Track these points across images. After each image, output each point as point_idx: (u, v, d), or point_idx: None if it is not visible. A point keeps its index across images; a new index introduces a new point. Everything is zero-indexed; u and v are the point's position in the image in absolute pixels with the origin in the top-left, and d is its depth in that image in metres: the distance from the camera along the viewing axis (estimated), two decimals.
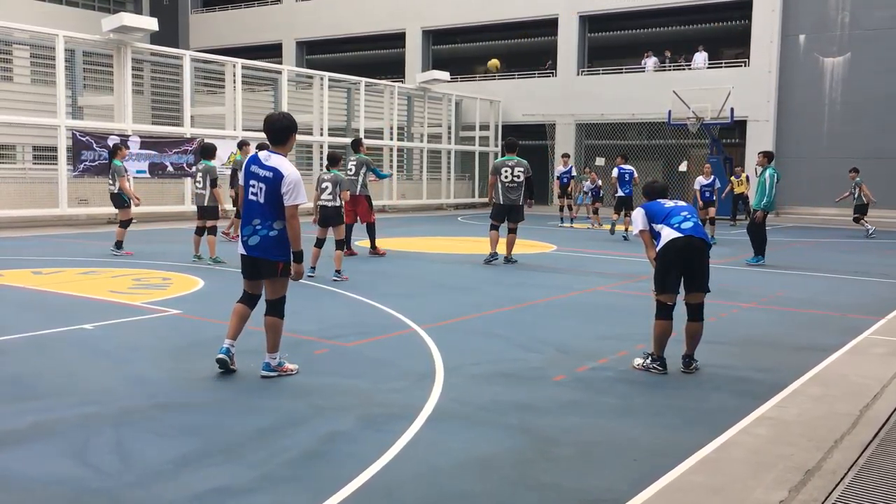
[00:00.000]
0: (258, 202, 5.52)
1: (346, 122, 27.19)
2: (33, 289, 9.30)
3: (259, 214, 5.52)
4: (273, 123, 5.62)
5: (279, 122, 5.63)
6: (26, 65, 22.66)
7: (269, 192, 5.47)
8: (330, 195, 10.25)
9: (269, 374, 5.59)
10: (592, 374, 5.93)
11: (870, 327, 7.84)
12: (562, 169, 21.27)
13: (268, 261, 5.53)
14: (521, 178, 12.06)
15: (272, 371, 5.60)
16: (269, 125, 5.62)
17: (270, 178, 5.47)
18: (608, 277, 11.17)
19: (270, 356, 5.62)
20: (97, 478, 3.82)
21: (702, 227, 6.06)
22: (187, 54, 21.04)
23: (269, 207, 5.49)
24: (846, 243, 17.49)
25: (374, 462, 4.03)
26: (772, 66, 26.40)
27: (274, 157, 5.56)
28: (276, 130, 5.60)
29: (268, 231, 5.51)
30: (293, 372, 5.67)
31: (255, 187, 5.54)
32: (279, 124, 5.61)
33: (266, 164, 5.52)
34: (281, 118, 5.66)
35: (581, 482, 3.90)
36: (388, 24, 33.44)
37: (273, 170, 5.48)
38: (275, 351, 5.63)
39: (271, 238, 5.50)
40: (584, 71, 30.15)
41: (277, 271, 5.54)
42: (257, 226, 5.52)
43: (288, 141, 5.65)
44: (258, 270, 5.62)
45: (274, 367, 5.61)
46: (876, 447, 4.40)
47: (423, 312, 8.10)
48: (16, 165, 22.62)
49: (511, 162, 12.10)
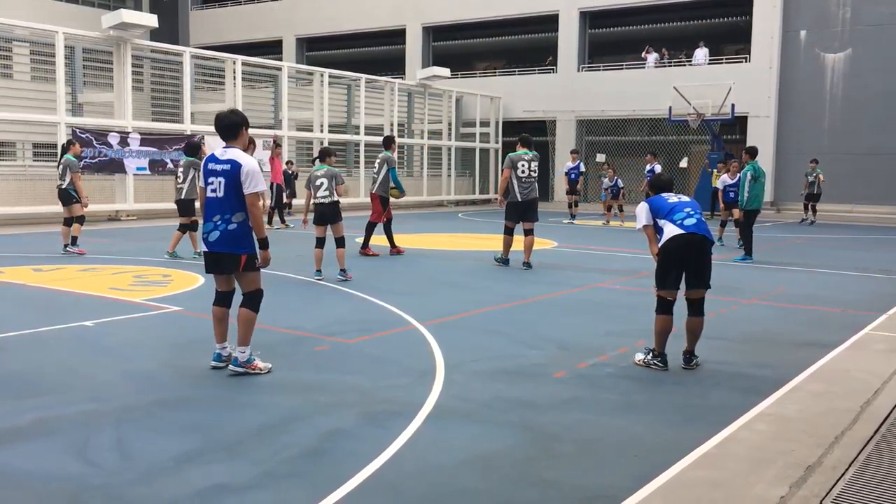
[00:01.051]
0: (217, 197, 5.54)
1: (347, 118, 27.17)
2: (34, 286, 9.30)
3: (219, 209, 5.53)
4: (221, 121, 5.68)
5: (226, 118, 5.68)
6: (26, 62, 22.65)
7: (227, 185, 5.49)
8: (326, 191, 9.83)
9: (237, 370, 5.54)
10: (593, 370, 5.93)
11: (870, 323, 7.84)
12: (570, 165, 21.26)
13: (230, 255, 5.53)
14: (537, 173, 11.42)
15: (240, 367, 5.55)
16: (218, 123, 5.68)
17: (228, 171, 5.49)
18: (609, 274, 11.17)
19: (240, 350, 5.60)
20: (98, 475, 3.83)
21: (705, 223, 6.04)
22: (187, 51, 21.03)
23: (229, 200, 5.50)
24: (846, 239, 17.48)
25: (375, 459, 4.03)
26: (773, 62, 26.37)
27: (230, 150, 5.60)
28: (225, 127, 5.65)
29: (226, 225, 5.51)
30: (263, 371, 5.59)
31: (214, 183, 5.55)
32: (227, 121, 5.66)
33: (222, 158, 5.55)
34: (228, 115, 5.72)
35: (582, 479, 3.90)
36: (389, 21, 33.40)
37: (230, 161, 5.51)
38: (245, 345, 5.60)
39: (231, 232, 5.50)
40: (584, 67, 30.11)
41: (240, 264, 5.55)
42: (217, 221, 5.52)
43: (239, 136, 5.67)
44: (220, 266, 5.63)
45: (242, 364, 5.56)
46: (876, 443, 4.40)
47: (423, 309, 8.10)
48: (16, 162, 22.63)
49: (527, 156, 11.30)
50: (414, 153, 30.01)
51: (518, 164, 11.27)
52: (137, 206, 19.46)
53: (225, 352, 5.71)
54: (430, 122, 28.89)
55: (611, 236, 17.07)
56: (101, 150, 18.19)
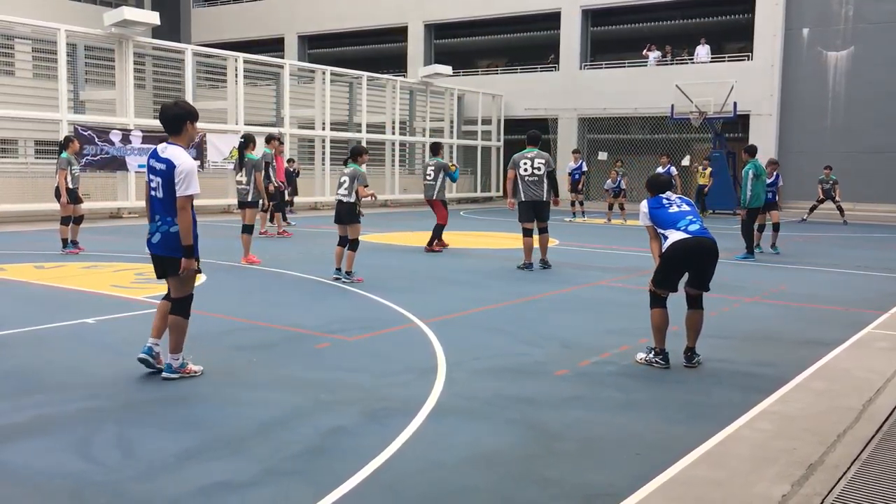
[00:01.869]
0: (157, 197, 5.30)
1: (349, 116, 27.17)
2: (35, 283, 9.30)
3: (160, 209, 5.30)
4: (164, 113, 5.38)
5: (169, 111, 5.37)
6: (28, 59, 22.64)
7: (165, 185, 5.24)
8: (346, 190, 9.68)
9: (170, 376, 5.34)
10: (595, 368, 5.92)
11: (873, 322, 7.83)
12: (572, 165, 21.31)
13: (172, 258, 5.32)
14: (543, 170, 10.98)
15: (174, 373, 5.36)
16: (162, 115, 5.40)
17: (164, 171, 5.24)
18: (610, 272, 11.16)
19: (173, 357, 5.38)
20: (100, 471, 3.83)
21: (707, 229, 6.01)
22: (189, 48, 21.03)
23: (167, 202, 5.25)
24: (848, 238, 17.46)
25: (376, 456, 4.03)
26: (775, 60, 26.33)
27: (170, 148, 5.32)
28: (167, 120, 5.35)
29: (168, 227, 5.28)
30: (197, 374, 5.45)
31: (154, 181, 5.31)
32: (169, 113, 5.35)
33: (162, 156, 5.29)
34: (173, 107, 5.40)
35: (584, 476, 3.90)
36: (390, 19, 33.38)
37: (166, 161, 5.24)
38: (177, 351, 5.40)
39: (173, 234, 5.27)
40: (586, 65, 30.08)
41: (181, 269, 5.33)
42: (158, 222, 5.32)
43: (183, 130, 5.35)
44: (164, 269, 5.42)
45: (176, 369, 5.38)
46: (878, 442, 4.40)
47: (425, 307, 8.10)
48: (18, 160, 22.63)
49: (530, 154, 11.02)
50: (416, 151, 30.00)
51: (520, 163, 11.08)
52: (139, 203, 19.44)
53: (157, 348, 5.50)
54: (431, 120, 28.87)
55: (612, 235, 17.06)
56: (102, 148, 18.19)
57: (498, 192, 30.92)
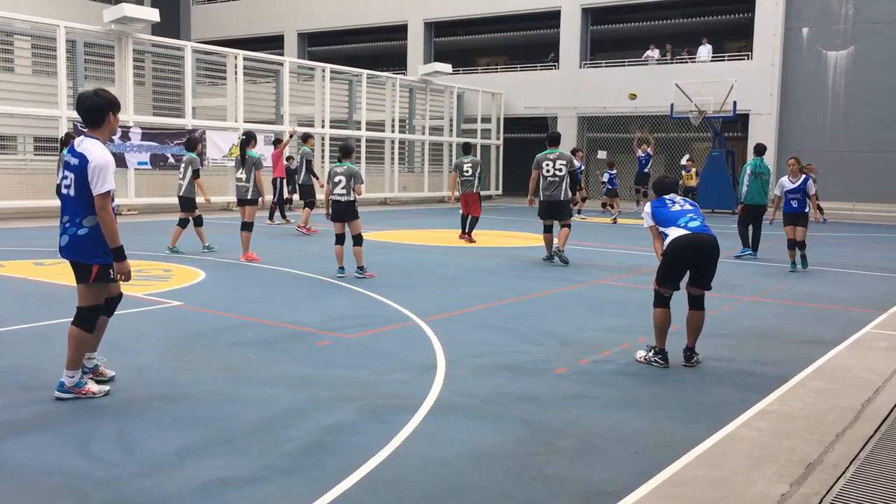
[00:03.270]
0: (69, 196, 4.78)
1: (348, 114, 27.16)
2: (35, 280, 9.30)
3: (69, 210, 4.78)
4: (82, 104, 4.81)
5: (88, 100, 4.79)
6: (27, 55, 22.60)
7: (77, 183, 4.71)
8: (344, 189, 9.75)
9: (62, 396, 4.77)
10: (595, 366, 5.93)
11: (872, 321, 7.84)
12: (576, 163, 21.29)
13: (80, 264, 4.80)
14: (564, 171, 11.44)
15: (66, 392, 4.78)
16: (80, 105, 4.83)
17: (77, 166, 4.70)
18: (610, 270, 11.17)
19: (68, 374, 4.80)
20: (100, 468, 3.83)
21: (708, 226, 6.03)
22: (189, 45, 21.01)
23: (79, 201, 4.72)
24: (847, 237, 17.47)
25: (376, 454, 4.04)
26: (775, 59, 26.33)
27: (86, 141, 4.79)
28: (86, 111, 4.80)
29: (76, 229, 4.76)
30: (97, 395, 4.85)
31: (68, 178, 4.78)
32: (88, 103, 4.79)
33: (77, 150, 4.77)
34: (91, 96, 4.82)
35: (584, 474, 3.90)
36: (390, 16, 33.36)
37: (80, 156, 4.72)
38: (74, 368, 4.81)
39: (81, 237, 4.75)
40: (586, 64, 30.07)
41: (90, 276, 4.79)
42: (66, 223, 4.79)
43: (103, 122, 4.82)
44: (76, 275, 4.89)
45: (69, 388, 4.79)
46: (877, 441, 4.40)
47: (425, 305, 8.10)
48: (17, 156, 22.61)
49: (553, 155, 11.45)
50: (415, 149, 29.99)
51: (543, 164, 11.54)
52: (139, 200, 19.46)
53: (90, 363, 5.10)
54: (431, 118, 28.86)
55: (612, 233, 17.06)
56: None
57: (497, 190, 30.92)
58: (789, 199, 11.35)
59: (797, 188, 11.27)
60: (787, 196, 11.37)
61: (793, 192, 11.29)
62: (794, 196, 11.30)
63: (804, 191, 11.28)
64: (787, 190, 11.34)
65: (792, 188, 11.29)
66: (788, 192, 11.32)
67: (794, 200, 11.31)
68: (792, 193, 11.30)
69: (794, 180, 11.29)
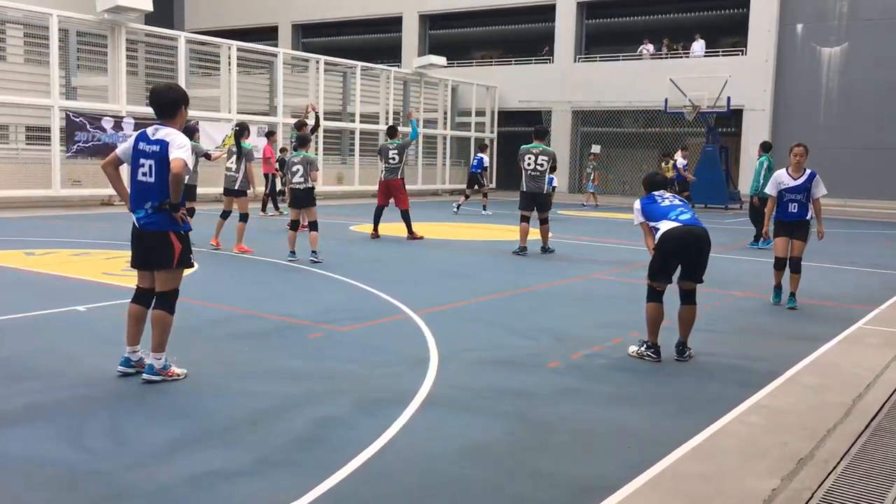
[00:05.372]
0: (149, 181, 4.98)
1: (342, 106, 27.07)
2: (25, 270, 9.25)
3: (153, 195, 4.98)
4: (159, 96, 5.10)
5: (164, 95, 5.11)
6: (20, 44, 22.44)
7: (158, 168, 4.95)
8: (301, 177, 10.45)
9: (152, 378, 5.01)
10: (587, 361, 5.93)
11: (863, 317, 7.87)
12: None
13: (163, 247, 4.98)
14: (545, 166, 11.60)
15: (156, 375, 5.03)
16: (155, 98, 5.12)
17: (158, 152, 4.95)
18: (603, 265, 11.18)
19: (155, 356, 5.05)
20: (91, 460, 3.81)
21: (698, 219, 6.06)
22: (182, 36, 20.90)
23: (161, 185, 4.95)
24: (840, 234, 17.52)
25: (368, 447, 4.03)
26: (769, 55, 26.35)
27: (162, 129, 5.04)
28: (163, 104, 5.08)
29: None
30: (180, 377, 5.09)
31: (145, 166, 4.98)
32: (164, 98, 5.09)
33: (153, 138, 5.00)
34: (167, 90, 5.17)
35: (576, 469, 3.91)
36: (385, 8, 33.25)
37: (160, 142, 4.96)
38: (160, 350, 5.06)
39: (164, 218, 5.01)
40: (581, 58, 30.05)
41: (173, 259, 5.02)
42: (148, 209, 5.00)
43: (177, 115, 5.12)
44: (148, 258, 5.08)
45: (158, 371, 5.04)
46: (868, 437, 4.42)
47: (417, 298, 8.09)
48: (9, 145, 22.47)
49: (536, 150, 11.61)
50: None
51: (525, 157, 11.72)
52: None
53: (135, 356, 5.19)
54: (425, 111, 28.79)
55: (605, 227, 17.07)
56: (94, 135, 18.08)
57: (492, 184, 30.86)
58: (786, 200, 8.29)
59: (799, 186, 8.25)
60: (783, 196, 8.31)
61: (792, 192, 8.26)
62: (793, 197, 8.27)
63: (808, 190, 8.26)
64: (784, 188, 8.28)
65: (791, 186, 8.26)
66: (786, 191, 8.28)
67: (794, 203, 8.26)
68: (791, 193, 8.27)
69: (796, 176, 8.29)
